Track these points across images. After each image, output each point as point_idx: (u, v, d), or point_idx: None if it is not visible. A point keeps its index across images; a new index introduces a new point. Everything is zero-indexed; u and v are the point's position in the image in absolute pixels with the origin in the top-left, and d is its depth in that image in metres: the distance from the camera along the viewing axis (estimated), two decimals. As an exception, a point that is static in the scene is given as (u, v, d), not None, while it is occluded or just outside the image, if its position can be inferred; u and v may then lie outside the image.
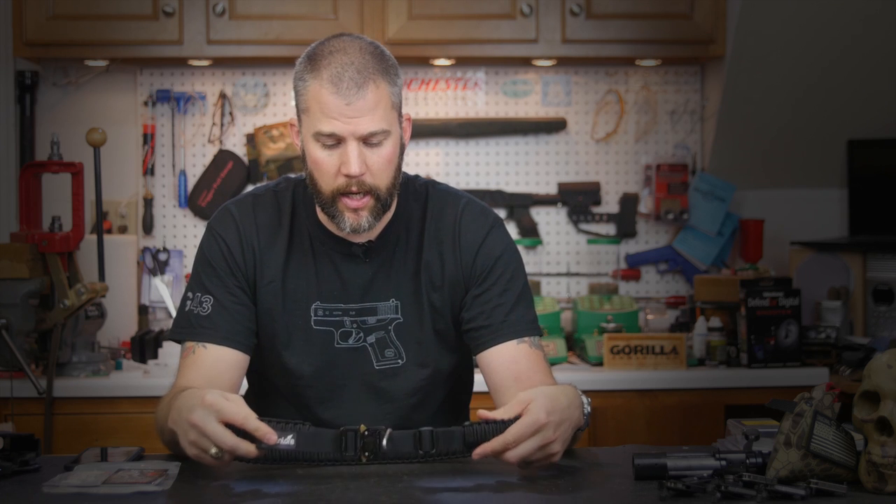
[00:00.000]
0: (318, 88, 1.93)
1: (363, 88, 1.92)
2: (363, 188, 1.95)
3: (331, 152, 1.95)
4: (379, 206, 1.98)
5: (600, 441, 3.26)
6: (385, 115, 1.95)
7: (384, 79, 1.95)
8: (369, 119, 1.93)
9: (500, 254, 2.08)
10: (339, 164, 1.94)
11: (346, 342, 2.05)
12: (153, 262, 3.78)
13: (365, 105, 1.92)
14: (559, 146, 3.93)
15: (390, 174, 1.98)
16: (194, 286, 2.06)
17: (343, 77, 1.92)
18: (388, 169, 1.97)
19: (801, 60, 3.65)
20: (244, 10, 3.52)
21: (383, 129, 1.94)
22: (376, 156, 1.95)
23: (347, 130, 1.92)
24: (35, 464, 1.85)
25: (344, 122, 1.92)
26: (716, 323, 3.49)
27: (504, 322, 2.04)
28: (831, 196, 3.96)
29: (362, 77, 1.92)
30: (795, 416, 1.68)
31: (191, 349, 2.02)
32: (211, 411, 1.72)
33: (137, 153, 3.83)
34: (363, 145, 1.94)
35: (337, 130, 1.93)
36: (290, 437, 1.74)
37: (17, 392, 3.11)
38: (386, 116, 1.95)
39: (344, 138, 1.93)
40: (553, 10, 3.56)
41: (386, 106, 1.95)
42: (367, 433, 1.77)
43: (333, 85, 1.92)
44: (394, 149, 1.98)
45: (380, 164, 1.96)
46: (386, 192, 1.98)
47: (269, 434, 1.72)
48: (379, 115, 1.94)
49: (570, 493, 1.71)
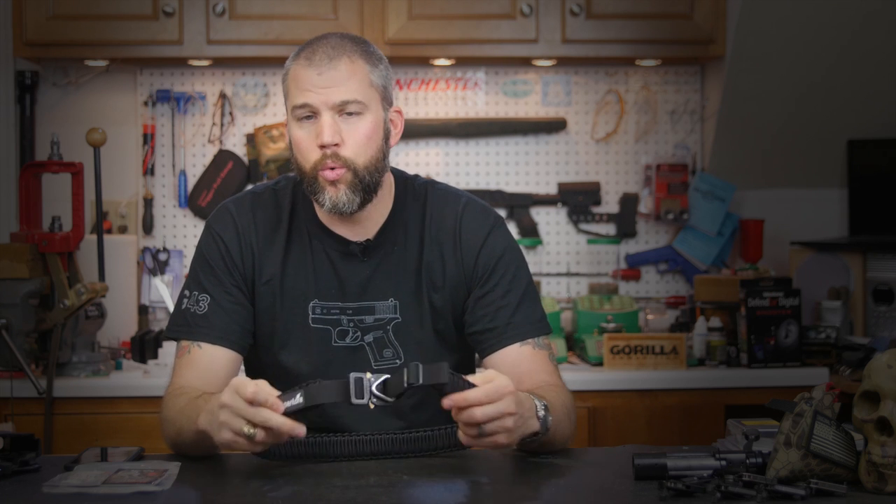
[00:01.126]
0: (294, 69, 1.98)
1: (335, 60, 1.96)
2: (337, 161, 1.96)
3: (308, 130, 1.97)
4: (357, 181, 1.97)
5: (600, 441, 3.26)
6: (360, 87, 1.97)
7: (361, 57, 1.98)
8: (343, 89, 1.95)
9: (501, 253, 2.08)
10: (315, 138, 1.96)
11: (343, 341, 2.05)
12: (153, 262, 3.78)
13: (337, 75, 1.95)
14: (559, 146, 3.93)
15: (369, 152, 1.98)
16: (192, 284, 2.06)
17: (316, 52, 1.97)
18: (366, 145, 1.98)
19: (801, 60, 3.65)
20: (244, 10, 3.52)
21: (356, 99, 1.96)
22: (352, 129, 1.97)
23: (319, 100, 1.95)
24: (35, 464, 1.84)
25: (316, 93, 1.95)
26: (716, 323, 3.49)
27: (508, 325, 2.04)
28: (831, 196, 3.96)
29: (336, 51, 1.97)
30: (795, 416, 1.68)
31: (186, 348, 2.02)
32: (233, 392, 1.72)
33: (137, 153, 3.83)
34: (338, 117, 1.96)
35: (309, 101, 1.95)
36: (298, 396, 1.72)
37: (17, 392, 3.11)
38: (361, 90, 1.97)
39: (318, 109, 1.95)
40: (553, 10, 3.56)
41: (362, 80, 1.97)
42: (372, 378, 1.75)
43: (307, 60, 1.97)
44: (373, 126, 1.98)
45: (356, 138, 1.97)
46: (364, 170, 1.98)
47: (277, 403, 1.71)
48: (353, 86, 1.96)
49: (570, 494, 1.71)
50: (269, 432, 1.71)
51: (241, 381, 1.73)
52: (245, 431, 1.71)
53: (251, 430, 1.70)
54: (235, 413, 1.71)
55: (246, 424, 1.70)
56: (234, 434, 1.72)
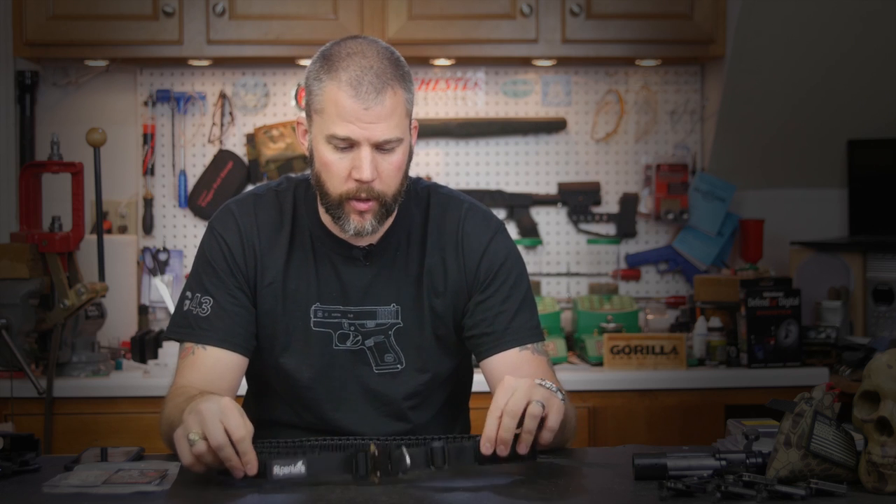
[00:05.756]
0: (335, 90, 1.91)
1: (382, 94, 1.90)
2: (371, 194, 1.94)
3: (342, 155, 1.93)
4: (383, 211, 1.97)
5: (600, 441, 3.26)
6: (400, 122, 1.93)
7: (401, 85, 1.93)
8: (385, 126, 1.91)
9: (503, 260, 2.08)
10: (349, 167, 1.92)
11: (343, 344, 2.05)
12: (153, 262, 3.78)
13: (382, 111, 1.90)
14: (559, 146, 3.93)
15: (398, 181, 1.97)
16: (194, 286, 2.06)
17: (363, 81, 1.90)
18: (398, 176, 1.96)
19: (801, 60, 3.65)
20: (244, 10, 3.52)
21: (398, 136, 1.93)
22: (387, 163, 1.94)
23: (363, 136, 1.90)
24: (35, 464, 1.84)
25: (360, 128, 1.90)
26: (716, 323, 3.49)
27: (507, 329, 2.04)
28: (831, 196, 3.96)
29: (381, 82, 1.90)
30: (795, 416, 1.68)
31: (189, 350, 2.02)
32: (220, 408, 1.68)
33: (137, 153, 3.83)
34: (375, 151, 1.92)
35: (353, 135, 1.91)
36: (300, 465, 1.68)
37: (17, 392, 3.11)
38: (400, 124, 1.93)
39: (358, 143, 1.91)
40: (553, 10, 3.55)
41: (401, 113, 1.93)
42: (377, 453, 1.71)
43: (353, 88, 1.89)
44: (404, 156, 1.97)
45: (390, 171, 1.94)
46: (392, 199, 1.97)
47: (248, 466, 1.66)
48: (395, 122, 1.92)
49: (570, 493, 1.71)
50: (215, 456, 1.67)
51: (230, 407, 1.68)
52: (190, 437, 1.66)
53: (196, 438, 1.65)
54: (199, 415, 1.67)
55: (195, 432, 1.65)
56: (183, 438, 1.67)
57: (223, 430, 1.66)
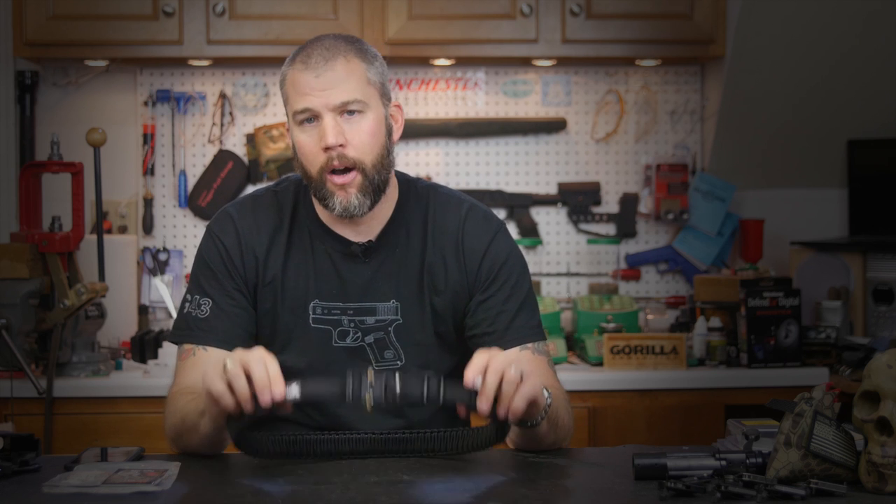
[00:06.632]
0: (291, 74, 1.99)
1: (331, 61, 1.96)
2: (346, 162, 1.97)
3: (311, 133, 1.98)
4: (367, 183, 1.98)
5: (600, 441, 3.26)
6: (359, 86, 1.97)
7: (356, 56, 1.99)
8: (340, 90, 1.96)
9: (504, 259, 2.08)
10: (318, 141, 1.97)
11: (343, 341, 2.05)
12: (153, 262, 3.78)
13: (334, 76, 1.96)
14: (559, 146, 3.93)
15: (375, 150, 1.99)
16: (193, 289, 2.07)
17: (312, 55, 1.98)
18: (371, 143, 1.98)
19: (801, 60, 3.66)
20: (244, 10, 3.52)
21: (356, 98, 1.96)
22: (356, 128, 1.97)
23: (320, 103, 1.96)
24: (35, 464, 1.84)
25: (316, 96, 1.95)
26: (716, 323, 3.49)
27: (508, 329, 2.05)
28: (831, 196, 3.96)
29: (331, 52, 1.97)
30: (795, 416, 1.68)
31: (190, 351, 2.03)
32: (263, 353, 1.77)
33: (137, 153, 3.83)
34: (340, 118, 1.96)
35: (310, 105, 1.96)
36: (293, 387, 1.75)
37: (17, 392, 3.11)
38: (360, 88, 1.97)
39: (319, 112, 1.96)
40: (553, 10, 3.56)
41: (360, 79, 1.97)
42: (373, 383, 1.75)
43: (303, 63, 1.97)
44: (376, 124, 1.99)
45: (360, 137, 1.97)
46: (373, 169, 1.99)
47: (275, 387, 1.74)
48: (352, 85, 1.96)
49: (570, 494, 1.71)
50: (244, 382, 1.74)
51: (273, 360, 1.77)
52: (227, 364, 1.73)
53: (234, 366, 1.73)
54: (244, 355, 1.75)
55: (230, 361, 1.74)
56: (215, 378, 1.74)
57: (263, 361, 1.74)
